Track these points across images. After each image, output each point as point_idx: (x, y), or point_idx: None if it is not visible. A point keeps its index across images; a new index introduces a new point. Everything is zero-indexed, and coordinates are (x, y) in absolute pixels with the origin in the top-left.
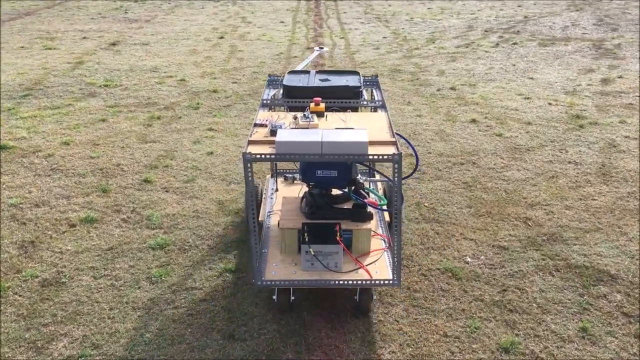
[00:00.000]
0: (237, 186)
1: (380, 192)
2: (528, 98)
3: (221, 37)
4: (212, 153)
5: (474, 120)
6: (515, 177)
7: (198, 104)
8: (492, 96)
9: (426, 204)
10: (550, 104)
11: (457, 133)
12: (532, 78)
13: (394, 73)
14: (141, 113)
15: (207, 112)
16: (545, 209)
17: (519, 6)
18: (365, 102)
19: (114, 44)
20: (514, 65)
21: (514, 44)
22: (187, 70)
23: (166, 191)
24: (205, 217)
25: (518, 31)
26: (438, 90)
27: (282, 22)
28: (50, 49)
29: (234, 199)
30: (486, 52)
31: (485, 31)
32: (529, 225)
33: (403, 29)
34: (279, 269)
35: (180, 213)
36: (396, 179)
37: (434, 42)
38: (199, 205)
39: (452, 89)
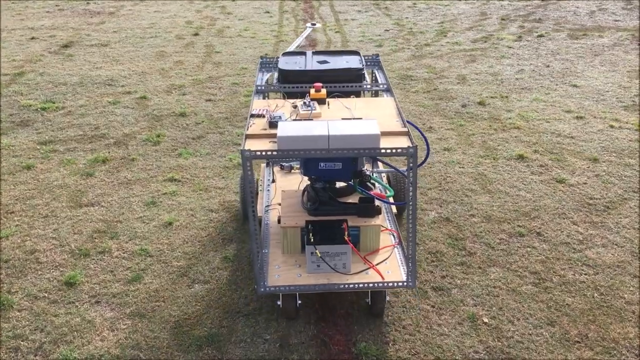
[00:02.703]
0: (202, 288)
1: (384, 181)
2: (580, 117)
3: (196, 34)
4: (170, 224)
5: (521, 157)
6: (604, 259)
7: (159, 136)
8: (533, 115)
9: (485, 319)
10: (612, 126)
11: (504, 178)
12: (575, 85)
13: (405, 81)
14: (82, 153)
15: (170, 148)
16: None
17: None
18: (368, 86)
19: (66, 46)
20: (548, 66)
21: (540, 36)
22: (150, 83)
23: (97, 302)
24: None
25: (540, 19)
26: (463, 106)
27: (267, 12)
28: None
29: (198, 317)
30: (509, 47)
31: (502, 19)
32: None
33: (407, 18)
34: (282, 272)
35: (111, 351)
36: (411, 173)
37: (445, 35)
38: (143, 331)
39: (481, 104)
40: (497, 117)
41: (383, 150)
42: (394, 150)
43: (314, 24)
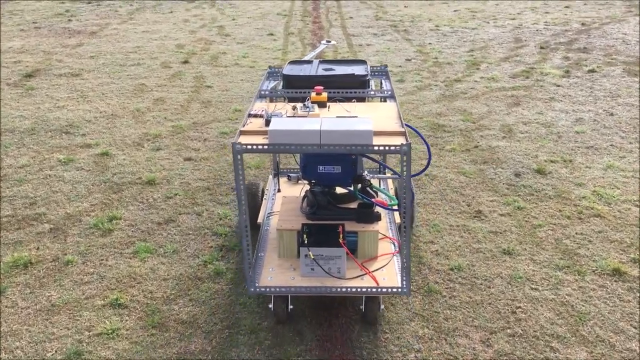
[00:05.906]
0: None
1: (392, 193)
2: None
3: (185, 62)
4: None
5: (617, 272)
6: None
7: (112, 219)
8: (614, 193)
9: None
10: None
11: (602, 314)
12: None
13: (437, 133)
14: (2, 249)
15: (124, 241)
16: None
17: (567, 7)
18: (372, 92)
19: (30, 76)
20: (611, 114)
21: (591, 71)
22: (118, 130)
23: None
24: None
25: (585, 48)
26: (517, 175)
27: (271, 34)
28: None
29: None
30: (557, 86)
31: (542, 48)
32: None
33: (430, 43)
34: (276, 274)
35: None
36: (405, 173)
37: (478, 68)
38: None
39: (540, 172)
40: (567, 195)
41: (376, 147)
42: (386, 148)
43: (329, 41)
